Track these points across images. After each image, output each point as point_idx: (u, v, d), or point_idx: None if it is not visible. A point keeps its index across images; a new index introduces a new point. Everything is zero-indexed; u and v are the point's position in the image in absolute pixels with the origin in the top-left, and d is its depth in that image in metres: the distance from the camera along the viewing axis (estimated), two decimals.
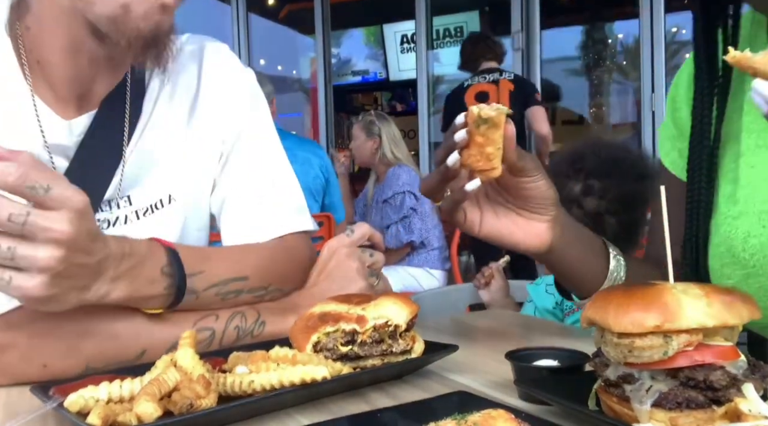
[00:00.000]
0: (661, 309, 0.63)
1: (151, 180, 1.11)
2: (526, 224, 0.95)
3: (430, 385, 0.88)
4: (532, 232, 0.95)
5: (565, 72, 6.78)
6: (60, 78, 1.02)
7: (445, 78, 7.11)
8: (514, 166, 0.89)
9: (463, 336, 1.19)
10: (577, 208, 1.77)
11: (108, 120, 1.06)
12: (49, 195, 0.75)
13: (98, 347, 0.93)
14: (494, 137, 0.83)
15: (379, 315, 0.87)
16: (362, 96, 10.15)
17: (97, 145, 1.05)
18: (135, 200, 1.09)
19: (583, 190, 1.78)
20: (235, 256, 1.08)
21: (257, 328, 1.03)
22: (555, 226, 0.95)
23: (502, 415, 0.61)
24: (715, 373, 0.63)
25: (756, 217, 0.95)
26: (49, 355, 0.91)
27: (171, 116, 1.14)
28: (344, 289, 1.09)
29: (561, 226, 0.96)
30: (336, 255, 1.15)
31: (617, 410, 0.67)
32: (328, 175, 3.88)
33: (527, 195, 0.92)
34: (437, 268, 4.29)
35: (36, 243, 0.75)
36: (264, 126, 1.24)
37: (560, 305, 1.85)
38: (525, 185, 0.91)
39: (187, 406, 0.70)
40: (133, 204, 1.09)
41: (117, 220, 1.08)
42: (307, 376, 0.77)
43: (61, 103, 1.03)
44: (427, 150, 6.31)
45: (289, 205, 1.21)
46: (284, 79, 8.22)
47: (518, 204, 0.94)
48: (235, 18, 6.92)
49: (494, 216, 0.95)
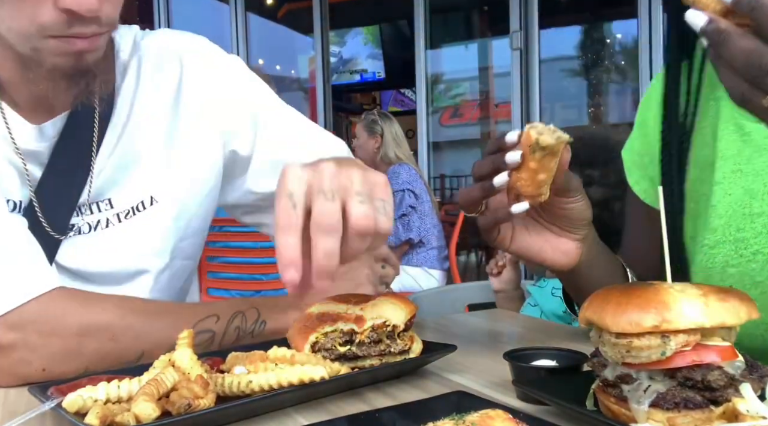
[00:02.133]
0: (659, 309, 0.63)
1: (130, 181, 1.10)
2: (557, 241, 0.92)
3: (428, 385, 0.88)
4: (560, 250, 0.92)
5: (563, 72, 6.78)
6: (20, 91, 1.01)
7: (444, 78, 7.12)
8: (560, 189, 0.86)
9: (462, 336, 1.19)
10: None
11: (80, 121, 1.05)
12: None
13: (98, 348, 0.93)
14: (549, 165, 0.79)
15: (377, 315, 0.87)
16: (361, 95, 10.15)
17: (69, 148, 1.04)
18: (116, 203, 1.09)
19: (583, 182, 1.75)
20: None
21: (258, 327, 1.03)
22: (583, 245, 0.93)
23: (500, 415, 0.61)
24: (713, 373, 0.63)
25: (733, 246, 0.93)
26: (48, 356, 0.91)
27: (149, 115, 1.12)
28: (351, 292, 1.09)
29: (588, 246, 0.94)
30: None
31: (615, 410, 0.67)
32: None
33: (564, 214, 0.90)
34: (436, 267, 4.29)
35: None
36: (274, 98, 1.25)
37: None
38: (565, 205, 0.89)
39: (185, 406, 0.70)
40: (114, 207, 1.08)
41: (98, 223, 1.08)
42: (305, 376, 0.77)
43: (29, 107, 1.02)
44: (426, 150, 6.31)
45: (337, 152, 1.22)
46: (283, 78, 8.22)
47: (552, 221, 0.92)
48: (233, 17, 6.91)
49: (526, 232, 0.92)
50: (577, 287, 1.00)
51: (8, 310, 0.90)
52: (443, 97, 7.27)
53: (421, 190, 4.28)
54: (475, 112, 7.42)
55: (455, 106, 7.44)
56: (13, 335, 0.90)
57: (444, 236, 4.41)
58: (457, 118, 7.48)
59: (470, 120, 7.40)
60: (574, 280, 0.97)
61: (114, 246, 1.09)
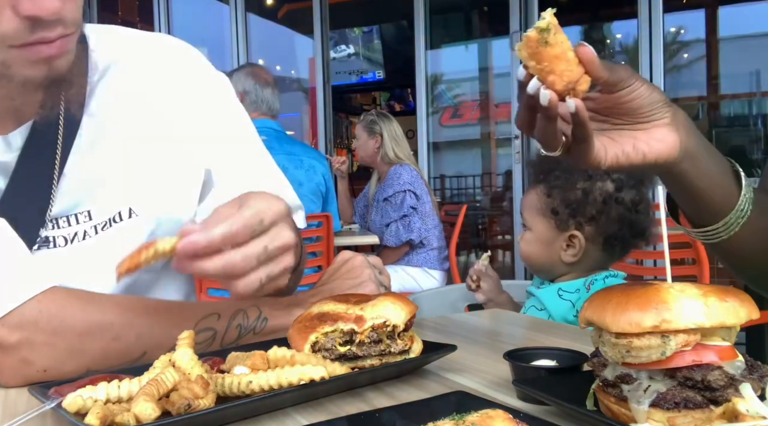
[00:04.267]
0: (659, 309, 0.63)
1: (105, 192, 1.06)
2: (646, 134, 0.85)
3: (428, 385, 0.88)
4: (655, 138, 0.85)
5: None
6: None
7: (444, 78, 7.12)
8: (608, 82, 0.80)
9: (462, 336, 1.19)
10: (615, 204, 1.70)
11: (46, 130, 1.02)
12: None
13: (101, 348, 0.93)
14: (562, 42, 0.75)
15: (377, 315, 0.87)
16: (360, 96, 10.15)
17: (34, 157, 1.01)
18: (95, 214, 1.06)
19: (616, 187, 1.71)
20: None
21: (259, 324, 1.03)
22: (678, 128, 0.86)
23: (500, 415, 0.61)
24: (713, 373, 0.63)
25: None
26: (51, 356, 0.91)
27: (124, 125, 1.09)
28: (354, 290, 1.09)
29: (685, 128, 0.87)
30: (351, 261, 1.16)
31: (615, 410, 0.67)
32: (328, 185, 3.91)
33: (633, 106, 0.84)
34: (436, 268, 4.29)
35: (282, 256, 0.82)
36: (241, 126, 1.21)
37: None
38: (626, 97, 0.83)
39: (185, 406, 0.70)
40: (93, 218, 1.05)
41: (75, 236, 1.04)
42: (305, 376, 0.77)
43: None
44: (426, 150, 6.32)
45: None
46: (283, 78, 8.21)
47: (629, 120, 0.85)
48: (233, 17, 6.91)
49: (614, 141, 0.85)
50: (688, 182, 0.91)
51: (9, 310, 0.90)
52: (443, 97, 7.27)
53: (422, 191, 4.28)
54: (475, 112, 7.42)
55: (455, 106, 7.44)
56: (16, 336, 0.90)
57: (444, 236, 4.42)
58: (457, 118, 7.47)
59: (470, 120, 7.40)
60: (681, 178, 0.90)
61: (91, 259, 1.05)
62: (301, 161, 3.58)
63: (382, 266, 1.20)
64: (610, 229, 1.70)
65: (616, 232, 1.71)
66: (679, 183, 0.92)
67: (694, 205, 0.95)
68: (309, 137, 7.20)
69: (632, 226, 1.71)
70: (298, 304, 1.07)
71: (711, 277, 3.07)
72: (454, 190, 7.64)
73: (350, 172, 5.67)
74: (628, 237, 1.73)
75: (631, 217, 1.71)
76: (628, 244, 1.76)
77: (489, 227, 7.35)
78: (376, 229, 4.33)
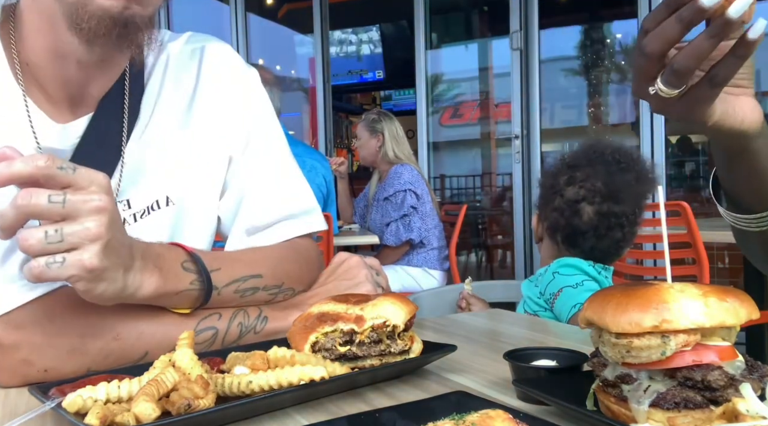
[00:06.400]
0: (659, 309, 0.63)
1: (147, 181, 1.09)
2: (739, 101, 0.83)
3: (428, 385, 0.88)
4: (747, 108, 0.83)
5: (563, 72, 6.78)
6: (50, 81, 1.01)
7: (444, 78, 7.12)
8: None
9: (462, 336, 1.19)
10: (559, 197, 1.88)
11: (105, 122, 1.05)
12: (77, 173, 0.77)
13: (102, 348, 0.92)
14: None
15: (377, 315, 0.87)
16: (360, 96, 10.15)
17: (94, 148, 1.04)
18: (133, 203, 1.08)
19: (566, 181, 1.89)
20: (246, 257, 1.08)
21: (260, 323, 1.03)
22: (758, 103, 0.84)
23: (500, 415, 0.61)
24: (713, 373, 0.63)
25: None
26: (52, 357, 0.91)
27: (169, 117, 1.12)
28: (351, 290, 1.09)
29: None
30: (347, 262, 1.16)
31: (615, 410, 0.67)
32: (329, 186, 3.91)
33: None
34: (436, 268, 4.29)
35: (80, 217, 0.77)
36: (270, 127, 1.23)
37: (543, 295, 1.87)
38: None
39: (185, 406, 0.70)
40: (132, 207, 1.08)
41: None
42: (305, 376, 0.77)
43: (55, 106, 1.02)
44: (426, 150, 6.32)
45: (297, 207, 1.21)
46: (283, 78, 8.21)
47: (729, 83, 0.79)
48: (233, 17, 6.91)
49: (720, 99, 0.80)
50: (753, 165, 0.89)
51: (10, 309, 0.90)
52: (443, 97, 7.27)
53: (422, 191, 4.29)
54: (475, 112, 7.41)
55: (455, 106, 7.44)
56: (17, 335, 0.90)
57: (444, 236, 4.42)
58: (457, 118, 7.47)
59: (470, 120, 7.40)
60: (754, 156, 0.88)
61: None
62: (303, 162, 3.57)
63: (379, 267, 1.20)
64: (551, 218, 1.93)
65: (555, 223, 1.91)
66: (750, 161, 0.89)
67: (761, 187, 0.92)
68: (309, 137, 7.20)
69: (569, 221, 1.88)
70: (297, 305, 1.07)
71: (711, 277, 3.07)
72: (454, 190, 7.64)
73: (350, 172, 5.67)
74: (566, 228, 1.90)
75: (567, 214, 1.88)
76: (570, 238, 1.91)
77: (489, 227, 7.35)
78: (377, 229, 4.34)
